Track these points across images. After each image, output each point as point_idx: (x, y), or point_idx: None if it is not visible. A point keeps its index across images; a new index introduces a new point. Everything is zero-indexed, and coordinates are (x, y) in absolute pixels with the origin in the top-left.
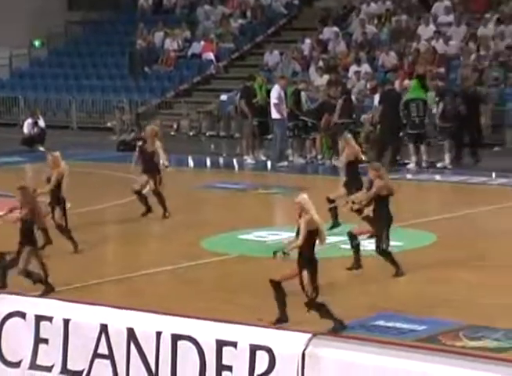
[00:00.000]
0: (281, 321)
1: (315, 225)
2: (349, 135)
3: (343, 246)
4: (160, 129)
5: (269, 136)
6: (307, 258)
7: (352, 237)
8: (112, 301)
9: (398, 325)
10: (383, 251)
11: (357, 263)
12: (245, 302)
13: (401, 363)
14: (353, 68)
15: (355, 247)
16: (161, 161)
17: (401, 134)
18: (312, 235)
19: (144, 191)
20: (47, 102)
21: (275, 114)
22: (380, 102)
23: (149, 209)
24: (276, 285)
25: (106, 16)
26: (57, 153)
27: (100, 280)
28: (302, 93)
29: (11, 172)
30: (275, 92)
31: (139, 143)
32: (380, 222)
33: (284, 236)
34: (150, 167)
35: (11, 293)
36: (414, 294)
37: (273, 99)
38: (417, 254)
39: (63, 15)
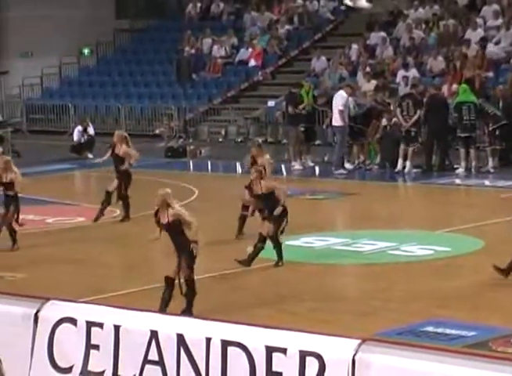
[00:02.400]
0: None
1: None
2: None
3: (391, 252)
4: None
5: (316, 142)
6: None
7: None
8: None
9: (447, 331)
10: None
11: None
12: (293, 308)
13: (450, 369)
14: (401, 73)
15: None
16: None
17: (449, 137)
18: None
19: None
20: (96, 109)
21: (338, 121)
22: (424, 106)
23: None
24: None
25: (154, 24)
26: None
27: (150, 286)
28: (350, 99)
29: (60, 180)
30: (341, 99)
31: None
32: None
33: (332, 241)
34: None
35: (62, 299)
36: (463, 300)
37: (339, 106)
38: (465, 260)
39: (111, 23)
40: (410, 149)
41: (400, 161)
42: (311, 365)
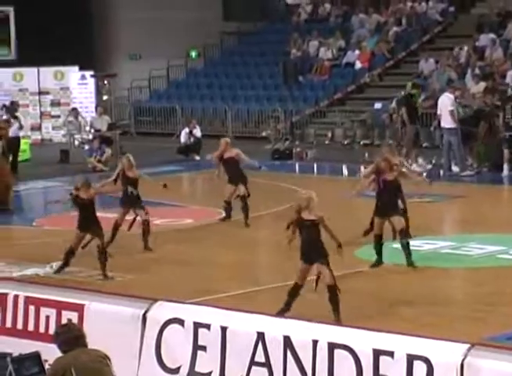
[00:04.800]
0: None
1: None
2: None
3: (500, 256)
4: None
5: (423, 144)
6: None
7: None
8: (269, 310)
9: None
10: None
11: None
12: (401, 312)
13: None
14: (510, 74)
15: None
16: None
17: None
18: None
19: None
20: (203, 111)
21: (449, 123)
22: None
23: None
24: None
25: (261, 27)
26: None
27: (257, 288)
28: (451, 101)
29: (168, 181)
30: (449, 99)
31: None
32: None
33: (440, 244)
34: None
35: (170, 300)
36: None
37: (449, 107)
38: None
39: (218, 26)
40: (506, 151)
41: (505, 166)
42: (419, 369)
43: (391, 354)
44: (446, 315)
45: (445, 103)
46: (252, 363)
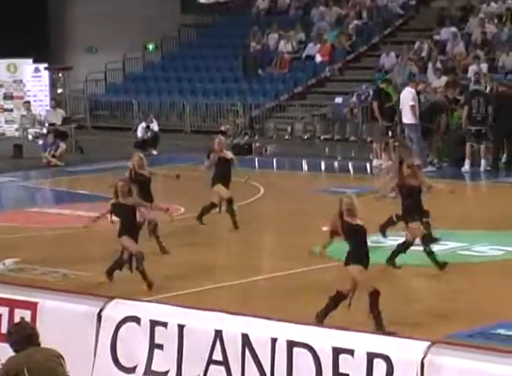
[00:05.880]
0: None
1: None
2: None
3: (461, 252)
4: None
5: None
6: None
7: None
8: (227, 307)
9: None
10: None
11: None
12: (362, 309)
13: None
14: (472, 69)
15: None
16: None
17: None
18: None
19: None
20: (160, 105)
21: (410, 118)
22: (492, 103)
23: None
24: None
25: (220, 19)
26: None
27: (215, 285)
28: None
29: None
30: (410, 94)
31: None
32: None
33: (401, 241)
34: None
35: (125, 298)
36: None
37: (410, 102)
38: None
39: (176, 18)
40: (482, 147)
41: (467, 161)
42: (379, 367)
43: (350, 352)
44: (407, 312)
45: (407, 97)
46: (210, 361)
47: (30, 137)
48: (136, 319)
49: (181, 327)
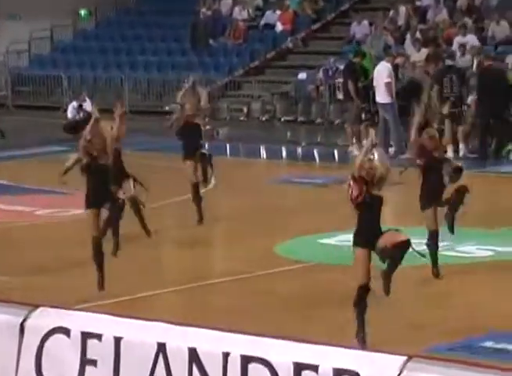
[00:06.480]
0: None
1: None
2: None
3: (445, 252)
4: None
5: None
6: None
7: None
8: (171, 317)
9: (510, 347)
10: None
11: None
12: (326, 318)
13: None
14: (458, 40)
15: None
16: None
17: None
18: None
19: None
20: (94, 81)
21: (385, 98)
22: (477, 81)
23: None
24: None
25: None
26: None
27: (157, 292)
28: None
29: (52, 164)
30: (386, 70)
31: None
32: None
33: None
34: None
35: (53, 306)
36: None
37: (385, 78)
38: None
39: None
40: (460, 129)
41: (449, 147)
42: None
43: (315, 368)
44: (381, 321)
45: (382, 73)
46: None
47: None
48: (65, 331)
49: (118, 340)
